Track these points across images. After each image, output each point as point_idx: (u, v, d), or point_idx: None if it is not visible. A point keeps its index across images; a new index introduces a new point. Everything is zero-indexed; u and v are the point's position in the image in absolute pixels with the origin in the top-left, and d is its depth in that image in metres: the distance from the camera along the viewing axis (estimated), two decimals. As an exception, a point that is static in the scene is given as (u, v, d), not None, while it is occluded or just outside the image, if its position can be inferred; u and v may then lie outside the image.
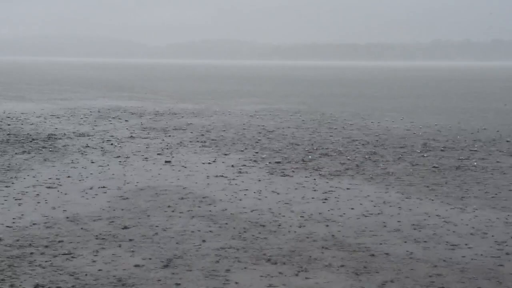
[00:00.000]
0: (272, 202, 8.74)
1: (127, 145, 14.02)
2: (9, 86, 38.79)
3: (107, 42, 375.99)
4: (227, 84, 45.52)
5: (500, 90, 40.64)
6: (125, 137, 15.47)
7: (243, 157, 12.61)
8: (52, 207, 8.29)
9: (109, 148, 13.55)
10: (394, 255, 6.41)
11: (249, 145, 14.31)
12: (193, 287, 5.49)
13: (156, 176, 10.56)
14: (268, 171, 11.11)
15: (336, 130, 17.23)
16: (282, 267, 6.01)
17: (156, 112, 22.14)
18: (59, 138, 14.97)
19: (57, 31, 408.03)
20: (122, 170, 11.05)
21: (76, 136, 15.49)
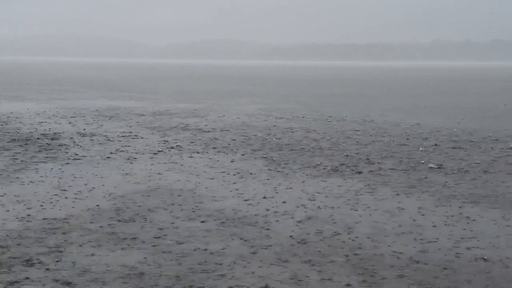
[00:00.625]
0: (267, 201, 8.76)
1: (126, 145, 14.02)
2: (9, 86, 38.78)
3: (107, 42, 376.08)
4: (227, 84, 45.52)
5: (500, 90, 40.64)
6: (124, 136, 15.47)
7: (241, 156, 12.61)
8: (52, 207, 8.29)
9: (108, 148, 13.54)
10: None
11: (248, 144, 14.31)
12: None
13: (155, 176, 10.55)
14: (267, 170, 11.12)
15: (336, 130, 17.23)
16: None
17: (156, 112, 22.14)
18: (59, 138, 14.96)
19: (57, 31, 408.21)
20: (121, 169, 11.06)
21: (76, 136, 15.48)
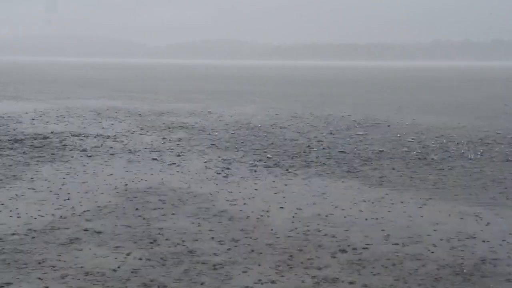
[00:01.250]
0: (260, 200, 8.76)
1: (125, 145, 14.01)
2: (9, 86, 38.78)
3: (107, 42, 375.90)
4: (227, 84, 45.51)
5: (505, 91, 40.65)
6: (123, 136, 15.46)
7: (241, 156, 12.60)
8: (51, 206, 8.28)
9: (108, 148, 13.54)
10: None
11: (246, 145, 14.30)
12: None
13: (155, 175, 10.56)
14: (267, 169, 11.12)
15: (335, 130, 17.23)
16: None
17: (155, 111, 22.14)
18: (58, 138, 14.96)
19: (57, 31, 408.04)
20: (121, 169, 11.05)
21: (76, 136, 15.48)
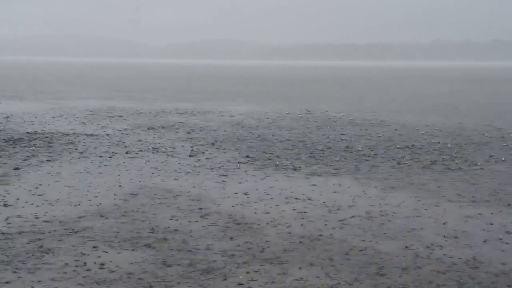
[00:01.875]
0: (256, 199, 8.77)
1: (124, 144, 14.01)
2: (9, 86, 38.78)
3: (107, 42, 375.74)
4: (226, 84, 45.51)
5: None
6: (122, 136, 15.46)
7: (240, 155, 12.61)
8: (50, 207, 8.29)
9: (108, 147, 13.53)
10: None
11: (246, 144, 14.30)
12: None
13: (154, 175, 10.56)
14: (266, 169, 11.13)
15: (335, 130, 17.22)
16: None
17: (155, 111, 22.14)
18: (58, 138, 14.95)
19: (57, 31, 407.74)
20: (120, 168, 11.05)
21: (75, 135, 15.47)
